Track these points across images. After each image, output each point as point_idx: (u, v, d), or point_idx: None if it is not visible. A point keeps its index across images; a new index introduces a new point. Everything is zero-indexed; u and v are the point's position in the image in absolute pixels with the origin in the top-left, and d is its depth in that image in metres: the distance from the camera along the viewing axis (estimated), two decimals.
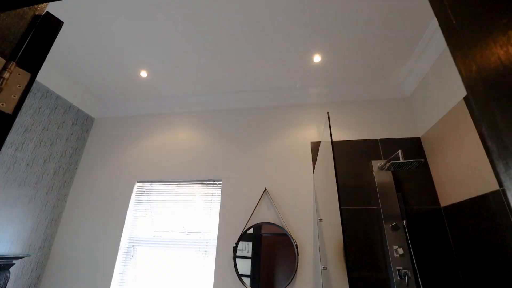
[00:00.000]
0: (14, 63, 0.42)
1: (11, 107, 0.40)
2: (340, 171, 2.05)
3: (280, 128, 2.33)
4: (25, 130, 2.04)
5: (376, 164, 1.93)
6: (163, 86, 2.40)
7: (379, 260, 1.75)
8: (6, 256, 1.75)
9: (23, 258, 1.96)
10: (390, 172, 1.90)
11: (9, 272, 1.78)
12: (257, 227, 1.97)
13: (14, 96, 0.41)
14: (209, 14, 1.68)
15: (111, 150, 2.54)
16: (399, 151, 1.60)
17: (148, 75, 2.26)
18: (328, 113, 1.21)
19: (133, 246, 2.13)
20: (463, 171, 1.58)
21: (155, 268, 2.04)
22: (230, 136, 2.38)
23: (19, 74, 0.42)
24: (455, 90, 1.63)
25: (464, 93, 1.55)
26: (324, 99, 2.36)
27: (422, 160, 1.53)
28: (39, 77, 2.17)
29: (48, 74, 2.21)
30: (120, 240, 2.12)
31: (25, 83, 0.43)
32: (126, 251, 2.12)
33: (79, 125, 2.56)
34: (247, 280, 1.82)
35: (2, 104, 0.39)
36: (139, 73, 2.25)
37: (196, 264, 2.00)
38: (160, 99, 2.60)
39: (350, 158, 2.09)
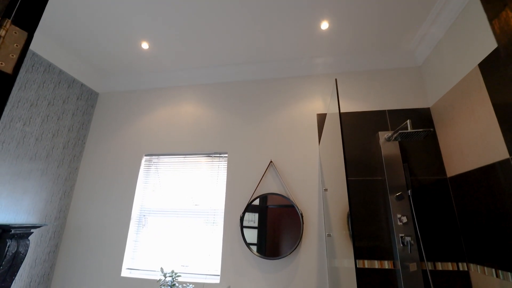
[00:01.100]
0: (9, 20, 0.40)
1: (10, 67, 0.39)
2: (346, 143, 2.04)
3: (286, 100, 2.29)
4: (31, 105, 2.05)
5: (383, 135, 1.91)
6: (166, 58, 2.34)
7: (382, 229, 1.79)
8: (24, 226, 1.84)
9: (41, 228, 2.06)
10: (397, 143, 1.88)
11: (29, 240, 1.89)
12: (263, 197, 2.01)
13: (12, 55, 0.40)
14: None
15: (117, 124, 2.55)
16: (408, 121, 1.57)
17: (149, 46, 2.20)
18: (336, 79, 1.17)
19: (144, 216, 2.22)
20: (472, 141, 1.56)
21: (166, 236, 2.13)
22: (235, 109, 2.35)
23: (15, 33, 0.41)
24: (470, 56, 1.55)
25: (479, 59, 1.48)
26: (331, 69, 2.29)
27: (431, 129, 1.50)
28: (40, 51, 2.13)
29: (49, 48, 2.17)
30: (131, 210, 2.21)
31: (22, 42, 0.41)
32: (137, 220, 2.22)
33: (84, 100, 2.55)
34: (254, 248, 1.90)
35: (1, 63, 0.38)
36: (141, 45, 2.19)
37: (204, 233, 2.08)
38: (163, 72, 2.55)
39: (357, 130, 2.07)
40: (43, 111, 2.14)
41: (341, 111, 2.17)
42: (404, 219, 1.67)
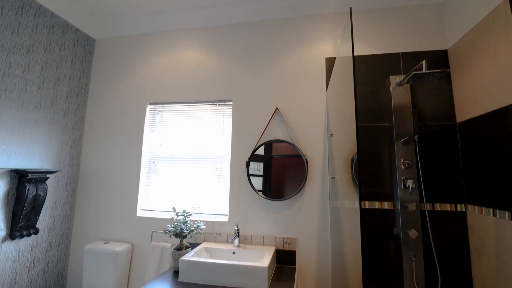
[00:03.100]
0: None
1: None
2: (352, 89, 1.96)
3: (294, 43, 2.15)
4: (27, 51, 1.98)
5: (394, 79, 1.82)
6: None
7: (385, 173, 1.83)
8: (40, 171, 1.92)
9: (56, 173, 2.16)
10: (408, 88, 1.80)
11: (46, 185, 1.99)
12: (268, 144, 2.03)
13: None
14: None
15: (118, 72, 2.48)
16: (423, 61, 1.47)
17: None
18: (350, 8, 1.07)
19: (153, 162, 2.29)
20: (489, 84, 1.48)
21: (176, 181, 2.23)
22: (239, 54, 2.23)
23: None
24: None
25: None
26: (342, 8, 2.09)
27: (448, 70, 1.42)
28: None
29: None
30: (141, 157, 2.27)
31: None
32: (147, 167, 2.30)
33: (81, 47, 2.44)
34: (259, 191, 1.99)
35: None
36: None
37: (212, 177, 2.17)
38: (161, 14, 2.37)
39: (366, 75, 1.97)
40: (41, 58, 2.07)
41: (350, 55, 2.04)
42: (408, 163, 1.69)
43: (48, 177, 2.03)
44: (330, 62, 2.06)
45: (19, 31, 1.92)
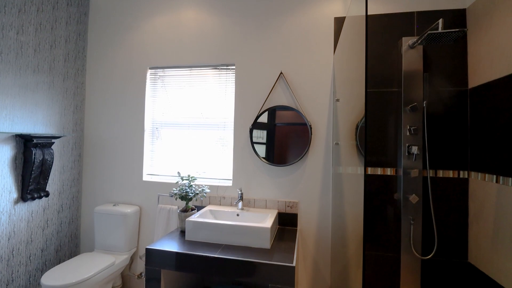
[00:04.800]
0: None
1: None
2: (362, 52, 1.87)
3: (299, 2, 2.00)
4: (19, 11, 1.88)
5: (407, 41, 1.72)
6: None
7: (390, 140, 1.81)
8: (44, 136, 1.94)
9: (61, 139, 2.18)
10: (420, 51, 1.71)
11: (52, 150, 2.02)
12: (272, 110, 1.99)
13: None
14: None
15: (115, 35, 2.37)
16: (440, 20, 1.37)
17: None
18: None
19: (156, 128, 2.29)
20: (508, 45, 1.39)
21: (180, 147, 2.25)
22: (242, 14, 2.10)
23: None
24: None
25: None
26: None
27: (466, 29, 1.33)
28: None
29: None
30: (144, 123, 2.26)
31: None
32: (151, 132, 2.30)
33: (74, 7, 2.31)
34: (263, 157, 2.00)
35: None
36: None
37: (216, 143, 2.17)
38: None
39: (377, 36, 1.86)
40: (34, 18, 1.97)
41: (360, 15, 1.91)
42: (414, 130, 1.66)
43: (53, 142, 2.04)
44: (339, 23, 1.93)
45: None
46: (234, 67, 2.12)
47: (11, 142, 1.82)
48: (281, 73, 2.00)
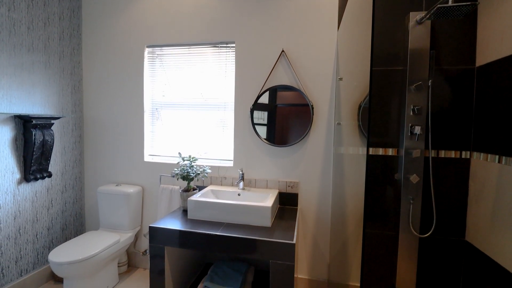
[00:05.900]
0: None
1: None
2: (368, 28, 1.79)
3: None
4: None
5: (414, 16, 1.64)
6: None
7: (392, 120, 1.78)
8: (43, 116, 1.92)
9: (61, 119, 2.16)
10: (428, 27, 1.63)
11: (52, 131, 2.01)
12: (273, 90, 1.95)
13: None
14: None
15: (110, 11, 2.27)
16: None
17: None
18: None
19: (156, 109, 2.26)
20: None
21: (180, 127, 2.23)
22: None
23: None
24: None
25: None
26: None
27: (478, 2, 1.26)
28: None
29: None
30: (143, 103, 2.23)
31: None
32: (151, 113, 2.28)
33: None
34: (263, 137, 1.99)
35: None
36: None
37: (216, 123, 2.15)
38: None
39: (383, 11, 1.78)
40: None
41: None
42: (418, 109, 1.63)
43: (53, 123, 2.03)
44: None
45: None
46: (234, 45, 2.06)
47: (10, 123, 1.80)
48: (282, 50, 1.94)
